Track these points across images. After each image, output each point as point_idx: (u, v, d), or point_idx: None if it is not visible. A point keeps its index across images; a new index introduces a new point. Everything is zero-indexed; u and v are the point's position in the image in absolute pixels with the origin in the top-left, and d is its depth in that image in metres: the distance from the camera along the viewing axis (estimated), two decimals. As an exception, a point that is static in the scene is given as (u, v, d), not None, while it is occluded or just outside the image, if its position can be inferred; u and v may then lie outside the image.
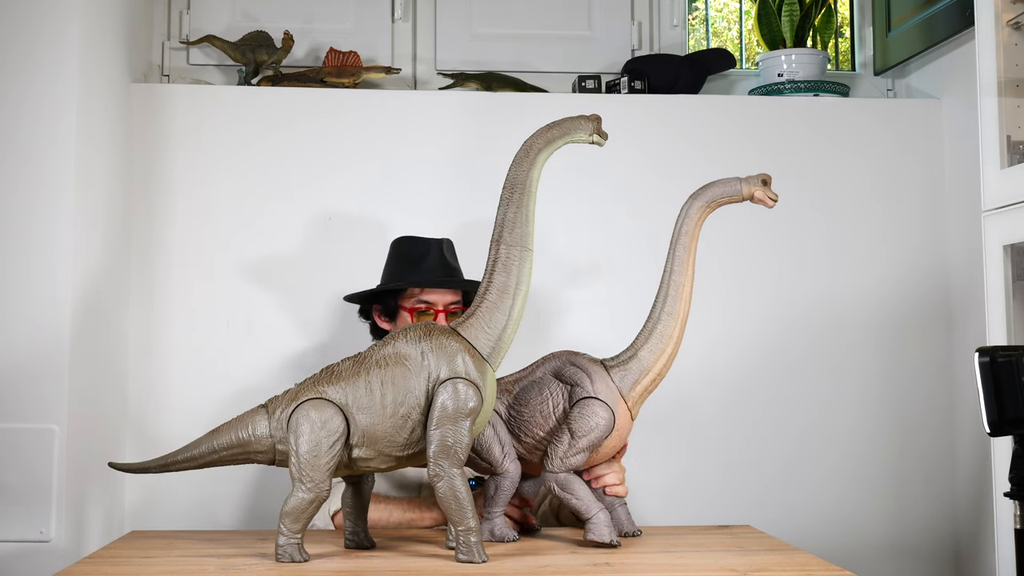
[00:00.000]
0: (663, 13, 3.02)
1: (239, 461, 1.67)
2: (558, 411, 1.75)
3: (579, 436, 1.72)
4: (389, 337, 1.64)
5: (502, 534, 1.75)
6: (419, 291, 2.22)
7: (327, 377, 1.63)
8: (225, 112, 2.71)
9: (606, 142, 1.70)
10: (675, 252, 1.79)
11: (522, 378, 1.82)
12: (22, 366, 2.17)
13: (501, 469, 1.76)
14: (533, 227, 1.67)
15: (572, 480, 1.72)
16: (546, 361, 1.82)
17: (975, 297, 2.60)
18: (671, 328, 1.78)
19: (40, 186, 2.20)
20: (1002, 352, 1.51)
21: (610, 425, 1.74)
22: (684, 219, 1.79)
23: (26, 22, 2.21)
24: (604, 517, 1.71)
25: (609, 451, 1.78)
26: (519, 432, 1.78)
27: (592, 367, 1.77)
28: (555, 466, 1.72)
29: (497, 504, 1.76)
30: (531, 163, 1.67)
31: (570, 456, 1.72)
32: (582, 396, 1.74)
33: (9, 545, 2.14)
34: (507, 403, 1.79)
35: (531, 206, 1.67)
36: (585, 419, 1.72)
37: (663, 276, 1.79)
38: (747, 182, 1.78)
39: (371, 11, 2.94)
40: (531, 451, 1.78)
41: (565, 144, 1.69)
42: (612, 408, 1.74)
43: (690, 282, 1.79)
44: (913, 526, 2.74)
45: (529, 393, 1.78)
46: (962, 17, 2.59)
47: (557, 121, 1.69)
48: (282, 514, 1.58)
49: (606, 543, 1.70)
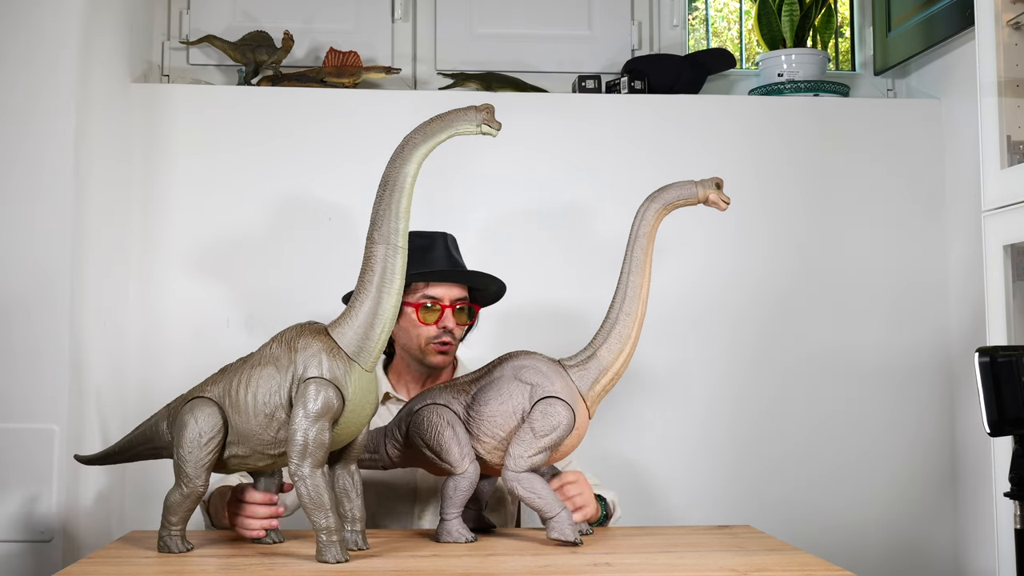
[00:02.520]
0: (663, 13, 3.02)
1: (151, 456, 1.78)
2: (519, 411, 1.76)
3: (541, 435, 1.73)
4: (273, 336, 1.67)
5: (459, 535, 1.76)
6: (424, 286, 2.10)
7: (216, 376, 1.70)
8: (225, 112, 2.71)
9: (499, 132, 1.63)
10: (632, 253, 1.82)
11: (479, 378, 1.83)
12: (22, 366, 2.17)
13: (460, 469, 1.76)
14: (406, 224, 1.61)
15: (534, 479, 1.73)
16: (503, 361, 1.83)
17: (975, 297, 2.60)
18: (629, 328, 1.80)
19: (40, 185, 2.20)
20: (1002, 352, 1.51)
21: (571, 424, 1.75)
22: (641, 221, 1.82)
23: (26, 22, 2.21)
24: (566, 516, 1.72)
25: (567, 450, 1.80)
26: (478, 432, 1.78)
27: (550, 367, 1.79)
28: (517, 465, 1.73)
29: (454, 505, 1.77)
30: (405, 159, 1.62)
31: (532, 455, 1.73)
32: (543, 395, 1.75)
33: (9, 545, 2.14)
34: (465, 404, 1.80)
35: (403, 203, 1.61)
36: (548, 418, 1.73)
37: (620, 277, 1.82)
38: (701, 185, 1.81)
39: (371, 11, 2.94)
40: (491, 451, 1.79)
41: (449, 137, 1.63)
42: (572, 407, 1.75)
43: (647, 283, 1.82)
44: (913, 526, 2.74)
45: (487, 393, 1.79)
46: (962, 17, 2.59)
47: (440, 114, 1.64)
48: (163, 507, 1.67)
49: (570, 541, 1.70)
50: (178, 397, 1.74)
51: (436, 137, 1.63)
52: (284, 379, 1.61)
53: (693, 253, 2.76)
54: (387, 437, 1.87)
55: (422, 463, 1.84)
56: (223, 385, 1.65)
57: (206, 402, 1.65)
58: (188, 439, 1.63)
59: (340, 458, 1.69)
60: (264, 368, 1.63)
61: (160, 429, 1.74)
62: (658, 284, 2.74)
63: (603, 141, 2.77)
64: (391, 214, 1.61)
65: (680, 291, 2.74)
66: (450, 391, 1.83)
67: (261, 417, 1.61)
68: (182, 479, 1.64)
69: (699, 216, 2.69)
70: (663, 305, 2.73)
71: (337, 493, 1.68)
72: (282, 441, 1.62)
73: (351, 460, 1.69)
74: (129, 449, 1.79)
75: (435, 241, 2.17)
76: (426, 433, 1.79)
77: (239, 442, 1.64)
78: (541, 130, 2.75)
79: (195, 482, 1.64)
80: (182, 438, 1.64)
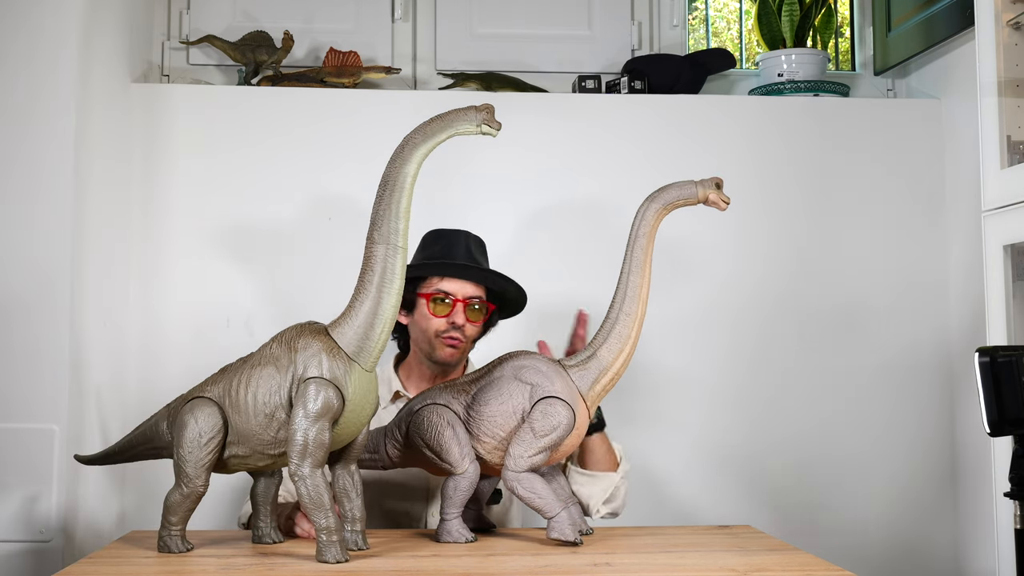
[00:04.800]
0: (663, 13, 3.02)
1: (151, 456, 1.78)
2: (519, 411, 1.76)
3: (541, 435, 1.73)
4: (274, 336, 1.67)
5: (459, 535, 1.76)
6: (439, 280, 2.11)
7: (216, 376, 1.70)
8: (225, 112, 2.71)
9: (499, 132, 1.63)
10: (632, 254, 1.82)
11: (479, 379, 1.83)
12: (22, 366, 2.17)
13: (460, 469, 1.76)
14: (406, 224, 1.61)
15: (534, 479, 1.73)
16: (503, 362, 1.83)
17: (975, 297, 2.60)
18: (628, 328, 1.79)
19: (40, 185, 2.20)
20: (1002, 352, 1.51)
21: (571, 424, 1.75)
22: (641, 222, 1.82)
23: (26, 22, 2.21)
24: (566, 516, 1.72)
25: (567, 450, 1.79)
26: (478, 432, 1.78)
27: (551, 367, 1.79)
28: (517, 465, 1.73)
29: (454, 505, 1.76)
30: (405, 159, 1.62)
31: (532, 455, 1.73)
32: (543, 395, 1.75)
33: (9, 545, 2.14)
34: (465, 404, 1.80)
35: (403, 203, 1.61)
36: (548, 418, 1.73)
37: (620, 277, 1.82)
38: (702, 185, 1.80)
39: (371, 11, 2.94)
40: (491, 451, 1.78)
41: (449, 137, 1.62)
42: (572, 407, 1.75)
43: (647, 283, 1.81)
44: (913, 526, 2.74)
45: (487, 393, 1.79)
46: (962, 17, 2.59)
47: (440, 114, 1.64)
48: (163, 507, 1.66)
49: (570, 541, 1.70)
50: (178, 397, 1.74)
51: (436, 137, 1.63)
52: (284, 379, 1.61)
53: (693, 253, 2.76)
54: (387, 437, 1.87)
55: (422, 463, 1.84)
56: (223, 385, 1.65)
57: (206, 402, 1.65)
58: (188, 439, 1.63)
59: (340, 458, 1.69)
60: (264, 368, 1.63)
61: (160, 429, 1.74)
62: (659, 284, 2.74)
63: (603, 141, 2.77)
64: (391, 214, 1.60)
65: (680, 291, 2.74)
66: (450, 391, 1.83)
67: (261, 417, 1.62)
68: (182, 479, 1.64)
69: (699, 216, 2.69)
70: (664, 305, 2.73)
71: (337, 493, 1.68)
72: (282, 441, 1.62)
73: (351, 460, 1.69)
74: (129, 449, 1.80)
75: (458, 239, 2.18)
76: (426, 433, 1.79)
77: (239, 442, 1.64)
78: (541, 130, 2.75)
79: (195, 482, 1.64)
80: (182, 438, 1.64)
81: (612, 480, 2.06)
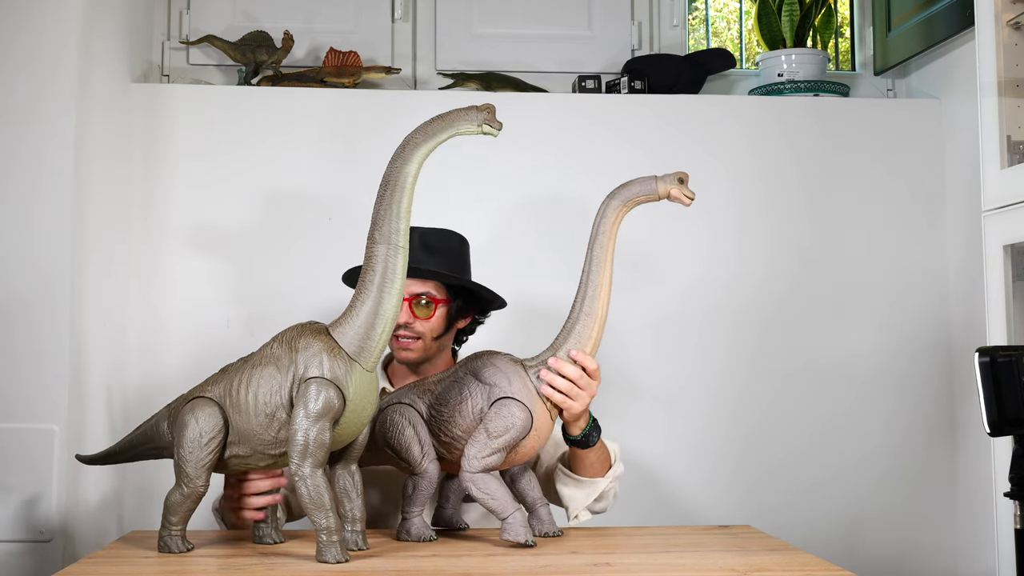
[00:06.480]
0: (663, 13, 3.02)
1: (151, 456, 1.78)
2: (476, 411, 1.75)
3: (495, 436, 1.71)
4: (274, 336, 1.67)
5: (419, 534, 1.76)
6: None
7: (216, 376, 1.69)
8: (225, 112, 2.71)
9: (499, 132, 1.62)
10: (593, 252, 1.78)
11: (444, 378, 1.82)
12: (22, 366, 2.17)
13: (420, 469, 1.76)
14: (407, 224, 1.60)
15: (488, 480, 1.71)
16: (467, 361, 1.82)
17: (975, 297, 2.60)
18: (589, 328, 1.77)
19: (40, 186, 2.20)
20: (1002, 352, 1.51)
21: (527, 425, 1.72)
22: (601, 219, 1.79)
23: (26, 22, 2.21)
24: (520, 517, 1.70)
25: (528, 451, 1.77)
26: (439, 432, 1.78)
27: (511, 367, 1.77)
28: (471, 466, 1.71)
29: (415, 504, 1.76)
30: (406, 159, 1.61)
31: (486, 456, 1.71)
32: (499, 396, 1.74)
33: (9, 545, 2.14)
34: (428, 403, 1.80)
35: (404, 203, 1.60)
36: (501, 419, 1.71)
37: (581, 276, 1.78)
38: (663, 180, 1.77)
39: (371, 11, 2.94)
40: (451, 451, 1.78)
41: (450, 137, 1.62)
42: (530, 408, 1.73)
43: (608, 282, 1.77)
44: (913, 526, 2.74)
45: (449, 393, 1.78)
46: (962, 17, 2.59)
47: (441, 114, 1.63)
48: (163, 507, 1.66)
49: (521, 543, 1.69)
50: (179, 397, 1.74)
51: (437, 137, 1.62)
52: (285, 379, 1.61)
53: (693, 253, 2.76)
54: None
55: (388, 460, 1.84)
56: (224, 385, 1.65)
57: (207, 402, 1.65)
58: (189, 439, 1.63)
59: (340, 458, 1.69)
60: (265, 368, 1.63)
61: (161, 429, 1.74)
62: (659, 285, 2.74)
63: (603, 141, 2.77)
64: (392, 214, 1.60)
65: (680, 292, 2.74)
66: (416, 390, 1.83)
67: (262, 417, 1.62)
68: (182, 479, 1.64)
69: (699, 217, 2.70)
70: (664, 306, 2.73)
71: (337, 493, 1.68)
72: (283, 441, 1.62)
73: (351, 460, 1.69)
74: (129, 449, 1.80)
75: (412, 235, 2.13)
76: (388, 432, 1.78)
77: (240, 442, 1.64)
78: (541, 130, 2.75)
79: (195, 482, 1.64)
80: (183, 438, 1.64)
81: (598, 487, 1.99)
